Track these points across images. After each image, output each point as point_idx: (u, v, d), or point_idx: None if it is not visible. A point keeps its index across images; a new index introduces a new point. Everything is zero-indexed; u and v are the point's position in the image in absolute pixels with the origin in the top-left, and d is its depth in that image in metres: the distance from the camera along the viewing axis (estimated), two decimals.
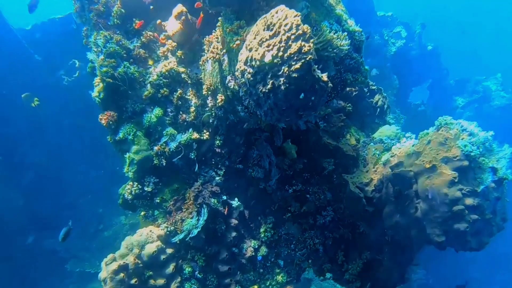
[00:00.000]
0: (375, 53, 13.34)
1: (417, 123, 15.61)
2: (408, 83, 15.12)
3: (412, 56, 14.52)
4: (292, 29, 4.26)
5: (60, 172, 11.92)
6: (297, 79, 4.30)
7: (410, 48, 14.53)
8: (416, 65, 14.66)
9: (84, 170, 12.30)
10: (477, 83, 17.77)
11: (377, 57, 13.31)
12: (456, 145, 5.87)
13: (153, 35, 6.25)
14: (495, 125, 17.38)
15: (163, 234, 6.23)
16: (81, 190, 12.17)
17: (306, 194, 6.95)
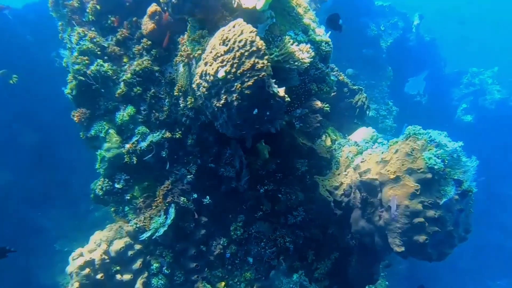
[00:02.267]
0: (371, 44, 13.17)
1: (412, 113, 15.54)
2: (404, 74, 14.98)
3: (409, 47, 14.32)
4: (247, 45, 4.26)
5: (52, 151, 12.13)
6: (250, 96, 4.32)
7: (407, 39, 14.31)
8: (413, 56, 14.47)
9: (76, 149, 12.46)
10: (473, 75, 17.49)
11: (373, 48, 13.14)
12: (422, 157, 5.88)
13: (127, 33, 6.25)
14: (490, 119, 17.29)
15: (132, 230, 6.39)
16: (72, 170, 12.38)
17: (278, 194, 7.03)
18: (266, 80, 4.33)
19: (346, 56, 12.92)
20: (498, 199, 18.53)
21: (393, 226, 5.91)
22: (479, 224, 18.17)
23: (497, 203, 18.47)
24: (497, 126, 17.17)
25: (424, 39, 14.91)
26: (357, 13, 13.01)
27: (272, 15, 4.97)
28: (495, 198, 18.34)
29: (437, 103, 16.28)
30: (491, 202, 18.15)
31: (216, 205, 6.96)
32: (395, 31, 13.79)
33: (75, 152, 12.09)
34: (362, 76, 13.00)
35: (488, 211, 18.15)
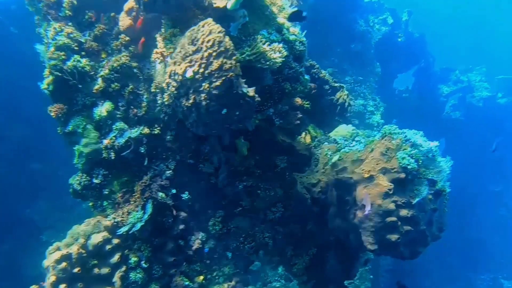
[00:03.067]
0: (359, 39, 13.14)
1: (400, 109, 15.57)
2: (393, 70, 14.99)
3: (398, 43, 14.30)
4: (215, 45, 4.29)
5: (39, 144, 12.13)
6: (218, 96, 4.36)
7: (396, 35, 14.30)
8: (402, 52, 14.47)
9: (63, 142, 12.47)
10: (462, 72, 17.55)
11: (362, 43, 13.12)
12: (396, 157, 5.92)
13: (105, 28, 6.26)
14: (478, 116, 17.36)
15: (110, 225, 6.42)
16: (60, 162, 12.37)
17: (257, 190, 7.08)
18: (234, 80, 4.36)
19: (334, 52, 12.92)
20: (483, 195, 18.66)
21: (366, 225, 5.98)
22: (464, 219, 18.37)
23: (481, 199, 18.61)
24: (484, 123, 17.26)
25: (413, 36, 14.90)
26: (346, 8, 12.97)
27: (245, 14, 4.97)
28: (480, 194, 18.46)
29: (426, 99, 16.32)
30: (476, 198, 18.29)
31: (195, 201, 7.01)
32: (384, 27, 13.77)
33: (63, 145, 12.08)
34: (350, 71, 12.99)
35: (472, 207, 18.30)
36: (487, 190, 18.66)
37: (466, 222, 18.31)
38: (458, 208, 17.91)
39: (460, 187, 17.19)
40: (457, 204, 18.11)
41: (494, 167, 18.32)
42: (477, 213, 18.50)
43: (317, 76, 7.39)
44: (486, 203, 18.57)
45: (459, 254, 18.50)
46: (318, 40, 12.36)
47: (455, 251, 18.32)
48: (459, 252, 18.48)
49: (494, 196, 18.87)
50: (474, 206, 18.41)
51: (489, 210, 18.72)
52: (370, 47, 13.26)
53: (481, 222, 18.66)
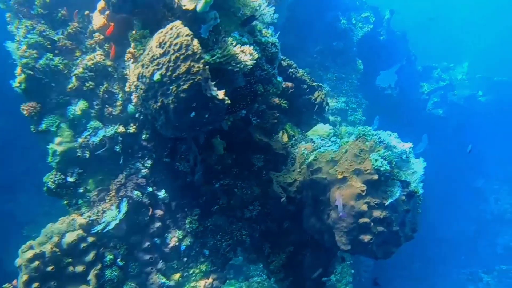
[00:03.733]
0: (341, 37, 13.17)
1: (383, 106, 15.67)
2: (376, 67, 15.06)
3: (380, 41, 14.35)
4: (182, 49, 4.28)
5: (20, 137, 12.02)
6: (186, 99, 4.35)
7: (378, 33, 14.34)
8: (384, 49, 14.54)
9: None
10: (444, 70, 17.73)
11: (343, 41, 13.15)
12: (369, 158, 5.97)
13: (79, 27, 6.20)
14: (459, 113, 17.57)
15: (85, 223, 6.42)
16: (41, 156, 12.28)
17: (234, 188, 7.10)
18: (202, 83, 4.36)
19: (316, 49, 12.93)
20: (464, 191, 18.90)
21: (339, 225, 6.03)
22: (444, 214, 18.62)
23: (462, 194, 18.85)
24: (465, 120, 17.48)
25: (395, 34, 14.97)
26: (328, 6, 12.98)
27: (216, 15, 4.95)
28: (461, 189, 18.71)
29: (408, 96, 16.44)
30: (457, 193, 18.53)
31: (172, 199, 7.03)
32: (366, 25, 13.78)
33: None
34: (332, 68, 13.03)
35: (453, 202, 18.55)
36: (468, 186, 18.94)
37: (446, 217, 18.57)
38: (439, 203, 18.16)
39: (441, 183, 17.43)
40: (438, 199, 18.38)
41: (475, 163, 18.57)
42: (457, 208, 18.76)
43: (294, 76, 7.39)
44: (467, 198, 18.84)
45: (439, 248, 18.78)
46: (300, 37, 12.40)
47: (435, 245, 18.59)
48: (439, 246, 18.75)
49: (475, 192, 19.16)
50: (455, 201, 18.66)
51: (469, 205, 18.99)
52: (352, 44, 13.30)
53: (462, 217, 18.94)
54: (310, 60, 12.87)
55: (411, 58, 16.29)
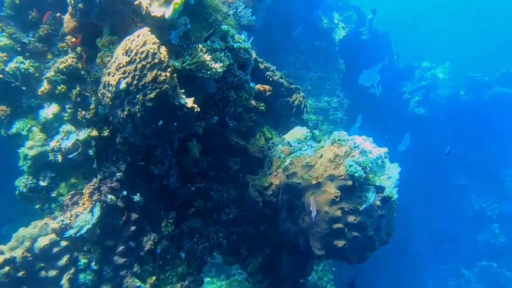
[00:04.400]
0: (323, 37, 13.16)
1: (365, 105, 15.74)
2: (358, 66, 15.11)
3: (362, 40, 14.37)
4: (148, 57, 4.21)
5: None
6: (153, 108, 4.30)
7: (361, 33, 14.35)
8: (366, 49, 14.57)
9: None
10: (426, 70, 17.85)
11: (326, 41, 13.14)
12: (344, 164, 5.97)
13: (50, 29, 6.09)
14: (441, 112, 17.72)
15: (58, 227, 6.34)
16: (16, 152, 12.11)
17: (211, 191, 7.08)
18: (170, 92, 4.30)
19: (298, 48, 12.89)
20: (446, 188, 19.09)
21: (314, 230, 6.05)
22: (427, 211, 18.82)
23: (444, 192, 19.04)
24: (448, 119, 17.63)
25: (377, 33, 15.00)
26: (310, 5, 12.94)
27: (186, 21, 4.89)
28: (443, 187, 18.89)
29: (391, 95, 16.53)
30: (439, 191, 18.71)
31: (148, 202, 6.96)
32: (349, 25, 13.78)
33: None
34: (314, 68, 13.02)
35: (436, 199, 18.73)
36: (450, 183, 19.13)
37: (429, 214, 18.75)
38: (421, 200, 18.34)
39: (423, 180, 17.58)
40: (420, 196, 18.57)
41: (457, 161, 18.76)
42: (439, 205, 18.95)
43: (271, 79, 7.36)
44: (449, 195, 19.04)
45: (422, 245, 18.98)
46: (283, 37, 12.36)
47: (418, 242, 18.78)
48: (422, 243, 18.95)
49: (457, 189, 19.37)
50: (437, 199, 18.85)
51: (451, 203, 19.20)
52: (334, 44, 13.30)
53: (444, 214, 19.15)
54: (292, 60, 12.85)
55: (394, 58, 16.36)
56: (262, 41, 11.77)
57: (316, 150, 6.56)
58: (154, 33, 4.79)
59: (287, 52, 12.70)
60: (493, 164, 19.46)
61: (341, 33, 13.50)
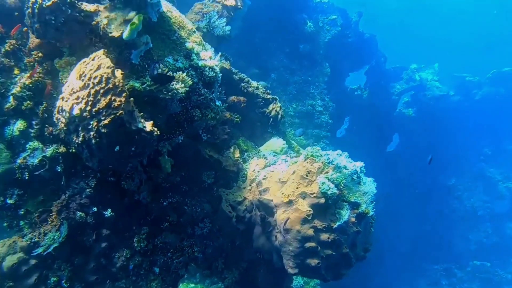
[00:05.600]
0: (308, 40, 12.98)
1: (352, 107, 15.60)
2: (344, 69, 14.94)
3: (348, 43, 14.19)
4: (102, 82, 4.07)
5: None
6: (108, 134, 4.16)
7: (346, 36, 14.16)
8: (352, 52, 14.41)
9: None
10: (414, 71, 17.70)
11: (310, 44, 12.96)
12: (316, 181, 5.85)
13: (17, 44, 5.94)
14: (430, 113, 17.59)
15: (26, 245, 6.23)
16: None
17: (184, 206, 6.96)
18: (125, 117, 4.17)
19: (282, 52, 12.73)
20: (436, 189, 19.00)
21: (286, 249, 5.93)
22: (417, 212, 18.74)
23: (434, 193, 18.96)
24: (437, 119, 17.51)
25: (363, 36, 14.80)
26: (294, 8, 12.76)
27: (148, 40, 4.75)
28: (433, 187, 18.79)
29: (378, 97, 16.37)
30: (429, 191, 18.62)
31: (119, 218, 6.83)
32: (334, 28, 13.58)
33: None
34: (299, 71, 12.86)
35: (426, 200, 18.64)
36: (441, 183, 19.03)
37: (419, 215, 18.68)
38: (412, 200, 18.25)
39: (414, 181, 17.49)
40: (411, 197, 18.49)
41: (447, 162, 18.66)
42: (430, 206, 18.87)
43: (246, 90, 7.22)
44: (439, 196, 18.95)
45: (413, 245, 18.93)
46: (266, 41, 12.20)
47: (409, 242, 18.73)
48: (413, 243, 18.90)
49: (448, 189, 19.28)
50: (428, 199, 18.76)
51: (442, 203, 19.12)
52: (319, 47, 13.12)
53: (435, 214, 19.06)
54: (276, 63, 12.69)
55: (381, 59, 16.20)
56: (245, 46, 11.65)
57: (290, 165, 6.43)
58: (114, 53, 4.66)
59: (271, 55, 12.53)
60: (484, 164, 19.37)
61: (326, 36, 13.31)
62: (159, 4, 4.94)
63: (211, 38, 7.18)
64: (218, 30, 7.06)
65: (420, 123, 17.40)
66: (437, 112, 17.33)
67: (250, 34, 11.40)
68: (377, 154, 17.09)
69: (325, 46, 13.16)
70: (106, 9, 4.60)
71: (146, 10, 4.74)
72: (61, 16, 4.40)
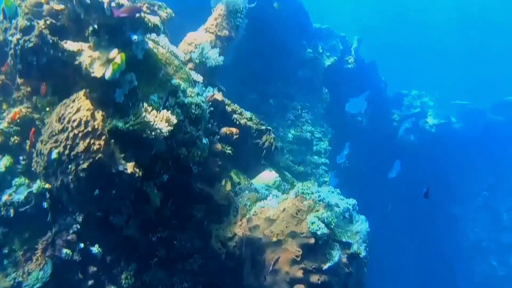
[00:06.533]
0: (307, 66, 12.94)
1: (353, 132, 15.45)
2: (344, 95, 14.84)
3: (348, 69, 14.11)
4: (81, 125, 3.98)
5: None
6: (87, 178, 4.04)
7: (346, 62, 14.09)
8: (353, 78, 14.31)
9: None
10: (415, 97, 17.56)
11: (309, 70, 12.92)
12: (306, 220, 5.69)
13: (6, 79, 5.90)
14: (432, 140, 17.38)
15: (10, 286, 6.08)
16: None
17: (174, 240, 6.81)
18: (105, 161, 4.05)
19: (281, 77, 12.68)
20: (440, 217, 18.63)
21: None
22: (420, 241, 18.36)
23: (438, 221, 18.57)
24: (439, 146, 17.29)
25: (363, 62, 14.71)
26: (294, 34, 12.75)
27: (132, 78, 4.66)
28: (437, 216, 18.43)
29: (379, 123, 16.19)
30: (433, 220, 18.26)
31: (107, 254, 6.68)
32: (333, 54, 13.52)
33: None
34: (298, 98, 12.78)
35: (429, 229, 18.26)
36: (444, 212, 18.65)
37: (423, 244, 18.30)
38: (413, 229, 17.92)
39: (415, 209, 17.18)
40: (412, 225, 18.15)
41: (450, 190, 18.32)
42: (434, 235, 18.44)
43: (238, 122, 7.12)
44: (441, 226, 18.54)
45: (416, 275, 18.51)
46: (264, 66, 12.15)
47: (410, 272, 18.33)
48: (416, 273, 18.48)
49: (451, 219, 18.88)
50: (430, 228, 18.36)
51: (445, 232, 18.70)
52: (318, 73, 13.05)
53: (437, 244, 18.62)
54: (275, 89, 12.62)
55: (381, 85, 16.09)
56: (244, 71, 11.61)
57: (280, 202, 6.27)
58: (97, 92, 4.58)
59: (270, 81, 12.46)
60: (489, 193, 18.95)
61: (325, 62, 13.25)
62: (145, 42, 4.87)
63: (204, 69, 7.11)
64: (210, 61, 6.99)
65: (422, 150, 17.16)
66: (439, 139, 17.10)
67: (249, 60, 11.34)
68: (379, 180, 16.88)
69: (324, 72, 13.10)
70: (90, 48, 4.53)
71: (131, 48, 4.67)
72: (44, 57, 4.33)
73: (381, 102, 16.19)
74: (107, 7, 4.35)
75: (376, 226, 16.67)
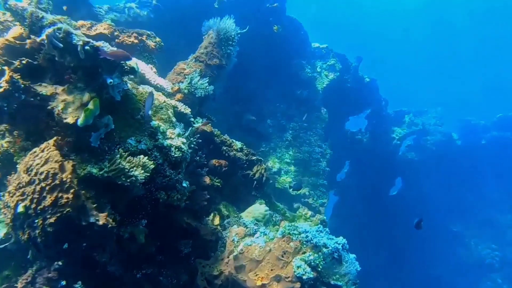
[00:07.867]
0: (305, 85, 12.75)
1: (353, 150, 15.22)
2: (344, 113, 14.65)
3: (347, 88, 13.91)
4: (48, 178, 3.80)
5: None
6: (55, 232, 3.86)
7: (345, 81, 13.90)
8: (352, 96, 14.12)
9: None
10: (416, 115, 17.35)
11: (308, 89, 12.73)
12: (292, 263, 5.48)
13: None
14: (433, 157, 17.11)
15: None
16: None
17: (159, 276, 6.61)
18: (73, 214, 3.88)
19: (279, 97, 12.51)
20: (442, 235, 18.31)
21: None
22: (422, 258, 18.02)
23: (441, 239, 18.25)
24: (441, 163, 17.04)
25: (363, 80, 14.50)
26: (292, 54, 12.60)
27: (109, 122, 4.49)
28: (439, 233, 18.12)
29: (380, 141, 15.97)
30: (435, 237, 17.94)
31: None
32: (333, 73, 13.33)
33: None
34: (296, 117, 12.60)
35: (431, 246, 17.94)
36: (446, 229, 18.35)
37: (424, 261, 17.98)
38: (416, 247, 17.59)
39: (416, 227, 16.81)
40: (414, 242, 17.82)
41: (452, 207, 18.05)
42: (436, 252, 18.12)
43: (227, 154, 6.92)
44: (445, 242, 18.22)
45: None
46: (263, 86, 11.98)
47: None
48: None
49: (453, 236, 18.56)
50: (433, 246, 18.05)
51: (448, 250, 18.38)
52: (317, 93, 12.87)
53: (440, 262, 18.29)
54: (272, 109, 12.46)
55: (382, 103, 15.86)
56: (241, 91, 11.45)
57: (266, 241, 6.06)
58: (72, 136, 4.41)
59: (268, 101, 12.30)
60: (492, 210, 18.65)
61: (324, 82, 13.05)
62: (123, 83, 4.70)
63: (193, 99, 6.94)
64: (199, 91, 6.81)
65: (424, 167, 16.93)
66: (441, 156, 16.86)
67: (246, 80, 11.21)
68: (379, 197, 16.62)
69: (323, 91, 12.92)
70: (64, 91, 4.36)
71: (108, 90, 4.51)
72: (14, 103, 4.17)
73: (381, 120, 15.98)
74: (80, 50, 4.20)
75: (376, 243, 16.37)
